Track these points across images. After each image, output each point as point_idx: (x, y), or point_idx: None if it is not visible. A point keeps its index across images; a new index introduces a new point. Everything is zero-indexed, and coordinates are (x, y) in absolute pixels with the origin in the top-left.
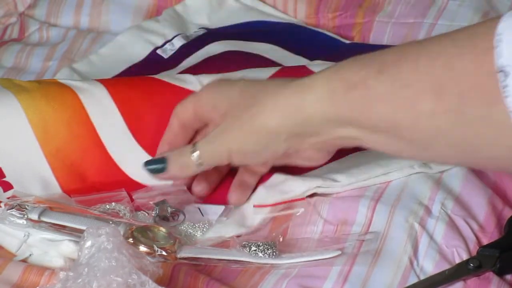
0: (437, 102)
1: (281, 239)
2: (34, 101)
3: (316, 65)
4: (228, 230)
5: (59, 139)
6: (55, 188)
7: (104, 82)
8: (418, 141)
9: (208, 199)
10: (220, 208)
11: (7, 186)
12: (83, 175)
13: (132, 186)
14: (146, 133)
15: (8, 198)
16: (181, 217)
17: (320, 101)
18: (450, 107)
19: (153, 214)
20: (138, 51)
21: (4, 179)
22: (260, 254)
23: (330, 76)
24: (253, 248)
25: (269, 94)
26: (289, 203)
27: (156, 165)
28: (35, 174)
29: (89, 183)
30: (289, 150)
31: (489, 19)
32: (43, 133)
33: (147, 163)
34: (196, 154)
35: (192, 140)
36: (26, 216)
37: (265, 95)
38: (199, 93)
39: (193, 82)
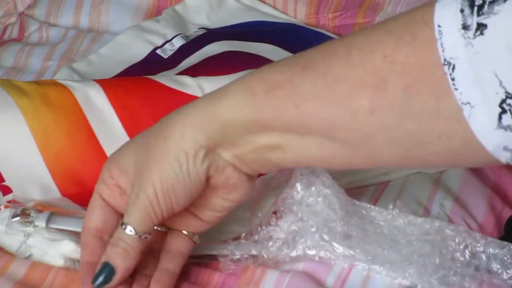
0: (378, 97)
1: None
2: (33, 106)
3: None
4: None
5: (58, 144)
6: (55, 193)
7: (104, 85)
8: (354, 140)
9: None
10: None
11: (7, 190)
12: (83, 181)
13: None
14: None
15: (7, 202)
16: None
17: (237, 105)
18: (395, 102)
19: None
20: (138, 51)
21: (3, 183)
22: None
23: (248, 80)
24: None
25: (176, 116)
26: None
27: (104, 273)
28: (35, 179)
29: (89, 189)
30: (211, 171)
31: (423, 6)
32: (43, 138)
33: (95, 279)
34: (129, 228)
35: None
36: (33, 224)
37: (172, 121)
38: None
39: (192, 86)
